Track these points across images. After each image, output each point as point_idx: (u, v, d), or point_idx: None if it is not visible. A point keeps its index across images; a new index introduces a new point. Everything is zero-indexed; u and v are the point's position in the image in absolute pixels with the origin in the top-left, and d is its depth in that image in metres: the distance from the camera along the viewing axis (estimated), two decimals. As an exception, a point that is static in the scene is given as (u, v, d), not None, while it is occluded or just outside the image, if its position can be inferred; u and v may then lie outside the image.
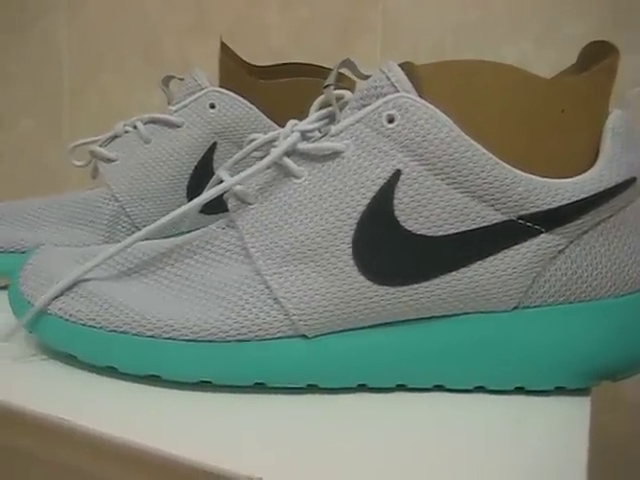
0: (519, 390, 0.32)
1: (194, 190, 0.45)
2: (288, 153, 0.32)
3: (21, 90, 0.81)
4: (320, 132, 0.34)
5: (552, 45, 0.54)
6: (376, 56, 0.60)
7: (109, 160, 0.45)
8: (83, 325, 0.32)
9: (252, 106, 0.45)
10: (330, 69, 0.44)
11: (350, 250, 0.30)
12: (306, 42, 0.63)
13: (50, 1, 0.77)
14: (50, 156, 0.79)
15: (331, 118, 0.33)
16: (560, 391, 0.32)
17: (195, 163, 0.45)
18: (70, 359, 0.33)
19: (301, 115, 0.35)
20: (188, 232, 0.37)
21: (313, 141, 0.33)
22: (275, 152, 0.32)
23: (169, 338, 0.31)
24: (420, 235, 0.30)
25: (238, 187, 0.32)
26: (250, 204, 0.32)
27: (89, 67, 0.76)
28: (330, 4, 0.62)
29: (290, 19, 0.64)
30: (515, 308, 0.31)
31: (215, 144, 0.45)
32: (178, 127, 0.45)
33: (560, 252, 0.31)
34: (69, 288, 0.33)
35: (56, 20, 0.77)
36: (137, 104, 0.69)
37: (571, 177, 0.31)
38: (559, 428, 0.30)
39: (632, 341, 0.32)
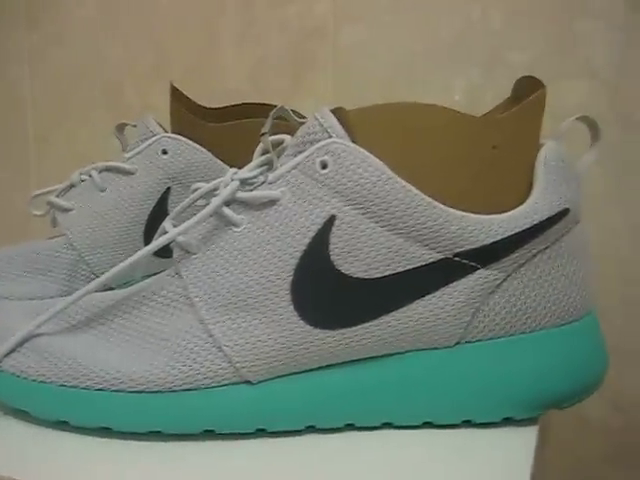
0: (467, 423, 0.33)
1: (151, 235, 0.45)
2: (228, 202, 0.33)
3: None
4: (262, 177, 0.34)
5: (499, 73, 0.55)
6: (328, 92, 0.61)
7: (66, 210, 0.46)
8: (34, 381, 0.32)
9: (204, 150, 0.46)
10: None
11: (289, 296, 0.31)
12: (261, 81, 0.64)
13: (12, 54, 0.78)
14: (19, 205, 0.79)
15: (270, 164, 0.34)
16: (508, 422, 0.33)
17: (150, 209, 0.45)
18: (23, 415, 0.33)
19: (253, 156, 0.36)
20: (144, 277, 0.37)
21: (253, 188, 0.33)
22: (215, 202, 0.32)
23: (117, 390, 0.31)
24: (357, 278, 0.31)
25: (181, 237, 0.33)
26: (193, 254, 0.33)
27: (53, 115, 0.77)
28: (281, 43, 0.63)
29: (244, 59, 0.65)
30: (457, 343, 0.32)
31: (169, 189, 0.45)
32: (132, 174, 0.46)
33: (498, 286, 0.31)
34: (20, 344, 0.33)
35: (19, 70, 0.78)
36: (102, 151, 0.69)
37: (506, 211, 0.32)
38: (503, 458, 0.30)
39: (575, 369, 0.33)
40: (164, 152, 0.45)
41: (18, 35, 0.77)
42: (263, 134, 0.33)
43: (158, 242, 0.33)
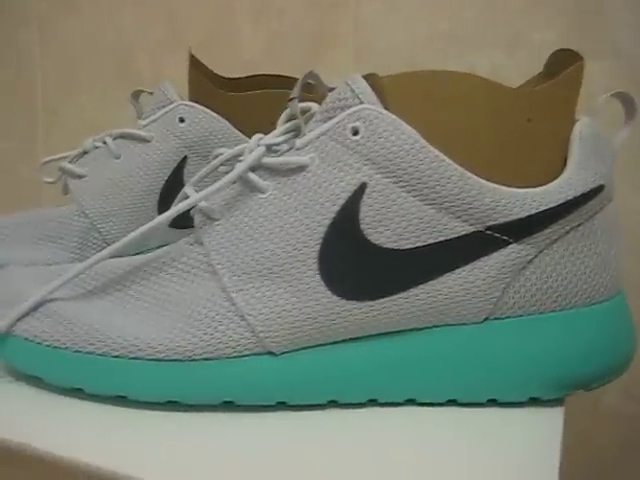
0: (492, 402, 0.32)
1: (165, 205, 0.44)
2: (253, 168, 0.32)
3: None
4: (287, 145, 0.33)
5: (522, 52, 0.54)
6: (349, 67, 0.60)
7: (78, 176, 0.45)
8: (48, 346, 0.31)
9: (222, 119, 0.45)
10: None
11: (316, 265, 0.30)
12: (278, 54, 0.63)
13: (22, 21, 0.77)
14: (25, 174, 0.78)
15: (297, 131, 0.33)
16: (534, 402, 0.32)
17: (166, 178, 0.44)
18: (36, 381, 0.32)
19: (271, 127, 0.35)
20: (158, 247, 0.36)
21: (279, 155, 0.32)
22: (240, 167, 0.31)
23: (135, 358, 0.30)
24: (387, 248, 0.30)
25: (203, 203, 0.32)
26: (216, 220, 0.32)
27: (63, 83, 0.76)
28: (301, 17, 0.62)
29: (262, 31, 0.64)
30: (485, 319, 0.31)
31: (185, 158, 0.44)
32: (148, 142, 0.44)
33: (529, 262, 0.31)
34: (34, 309, 0.32)
35: (29, 39, 0.77)
36: (112, 120, 0.68)
37: (540, 186, 0.31)
38: (532, 439, 0.29)
39: (604, 350, 0.32)
40: (181, 120, 0.44)
41: (28, 2, 0.76)
42: (292, 99, 0.32)
43: (179, 207, 0.32)
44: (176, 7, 0.68)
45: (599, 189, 0.31)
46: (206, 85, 0.45)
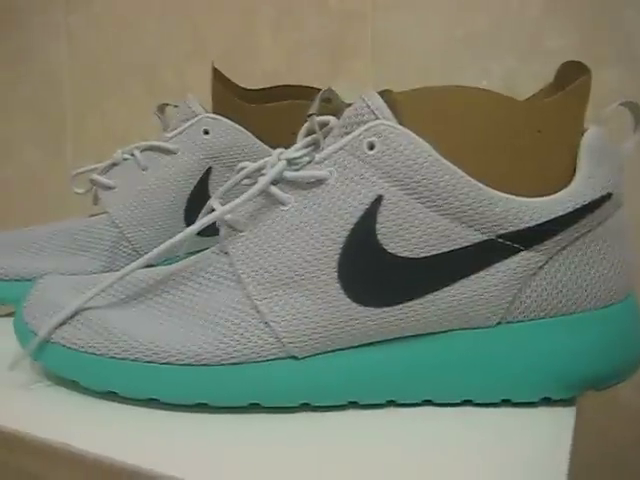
0: (506, 402, 0.33)
1: (191, 214, 0.46)
2: (275, 181, 0.33)
3: (25, 119, 0.83)
4: (307, 158, 0.35)
5: (536, 59, 0.56)
6: (367, 75, 0.62)
7: (108, 187, 0.47)
8: (84, 352, 0.33)
9: (245, 130, 0.46)
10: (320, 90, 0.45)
11: (336, 274, 0.31)
12: (298, 64, 0.65)
13: (51, 32, 0.79)
14: (55, 182, 0.81)
15: (316, 145, 0.35)
16: (546, 402, 0.33)
17: (191, 188, 0.46)
18: (73, 385, 0.34)
19: (292, 137, 0.36)
20: (186, 254, 0.38)
21: (299, 168, 0.34)
22: (262, 181, 0.33)
23: (166, 363, 0.32)
24: (403, 257, 0.31)
25: (229, 215, 0.33)
26: (240, 231, 0.33)
27: (90, 95, 0.78)
28: (320, 27, 0.64)
29: (282, 42, 0.66)
30: (498, 323, 0.32)
31: (210, 169, 0.46)
32: (174, 154, 0.46)
33: (540, 268, 0.32)
34: (71, 317, 0.34)
35: (58, 50, 0.79)
36: (138, 130, 0.70)
37: (549, 195, 0.32)
38: (544, 437, 0.31)
39: (612, 351, 0.33)
40: (206, 132, 0.46)
41: (57, 16, 0.78)
42: (311, 115, 0.34)
43: (205, 220, 0.34)
44: (199, 20, 0.70)
45: (607, 197, 0.32)
46: (229, 98, 0.47)
